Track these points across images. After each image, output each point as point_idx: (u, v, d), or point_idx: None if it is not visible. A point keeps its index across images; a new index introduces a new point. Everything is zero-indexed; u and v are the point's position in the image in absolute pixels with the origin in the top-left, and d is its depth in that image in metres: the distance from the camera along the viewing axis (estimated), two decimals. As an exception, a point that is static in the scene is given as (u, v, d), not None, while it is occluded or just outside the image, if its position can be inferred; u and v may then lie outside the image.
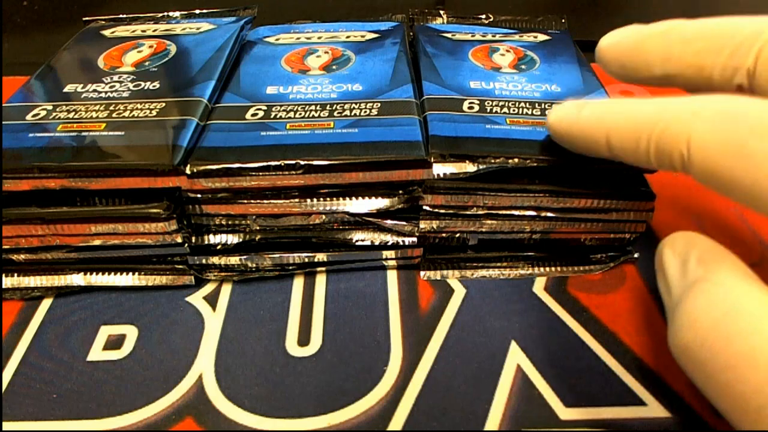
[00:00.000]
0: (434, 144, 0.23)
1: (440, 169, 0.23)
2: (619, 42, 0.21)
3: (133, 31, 0.33)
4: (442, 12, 0.36)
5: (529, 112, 0.25)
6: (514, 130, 0.24)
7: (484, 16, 0.36)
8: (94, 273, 0.25)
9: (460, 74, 0.29)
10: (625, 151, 0.18)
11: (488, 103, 0.26)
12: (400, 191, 0.24)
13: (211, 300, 0.25)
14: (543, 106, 0.26)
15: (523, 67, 0.30)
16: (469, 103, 0.26)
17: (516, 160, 0.23)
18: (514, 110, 0.25)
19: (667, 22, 0.19)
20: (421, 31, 0.34)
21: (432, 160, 0.23)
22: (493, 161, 0.23)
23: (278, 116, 0.25)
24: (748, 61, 0.17)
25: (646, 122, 0.17)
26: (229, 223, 0.24)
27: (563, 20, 0.35)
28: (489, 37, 0.33)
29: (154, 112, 0.25)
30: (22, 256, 0.25)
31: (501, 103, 0.26)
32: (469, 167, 0.23)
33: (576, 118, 0.20)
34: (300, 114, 0.25)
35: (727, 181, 0.15)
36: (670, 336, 0.16)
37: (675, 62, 0.19)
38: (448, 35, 0.33)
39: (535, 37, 0.33)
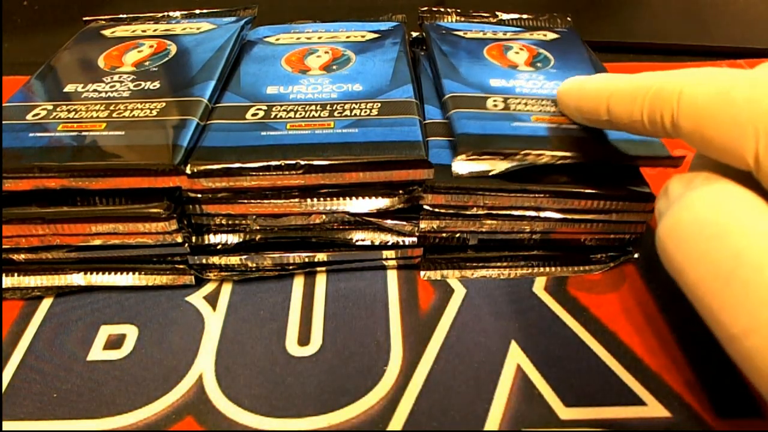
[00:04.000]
0: (463, 142, 0.23)
1: (466, 167, 0.23)
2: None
3: (134, 31, 0.33)
4: (450, 10, 0.36)
5: (552, 110, 0.26)
6: (540, 128, 0.24)
7: (489, 15, 0.36)
8: (95, 273, 0.25)
9: (479, 72, 0.29)
10: (622, 112, 0.20)
11: (511, 101, 0.26)
12: (400, 191, 0.24)
13: (211, 300, 0.25)
14: None
15: (538, 64, 0.30)
16: (493, 100, 0.26)
17: (546, 157, 0.23)
18: (537, 108, 0.26)
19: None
20: (432, 29, 0.34)
21: (466, 158, 0.23)
22: (524, 158, 0.23)
23: (278, 116, 0.25)
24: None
25: (643, 85, 0.19)
26: (229, 222, 0.24)
27: (568, 18, 0.36)
28: (500, 35, 0.33)
29: (154, 112, 0.25)
30: (23, 256, 0.25)
31: (524, 101, 0.26)
32: (501, 165, 0.23)
33: (582, 85, 0.23)
34: (300, 114, 0.25)
35: (712, 129, 0.17)
36: (666, 219, 0.17)
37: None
38: (460, 33, 0.33)
39: (545, 35, 0.33)
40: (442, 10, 0.36)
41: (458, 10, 0.36)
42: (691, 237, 0.16)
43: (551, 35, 0.33)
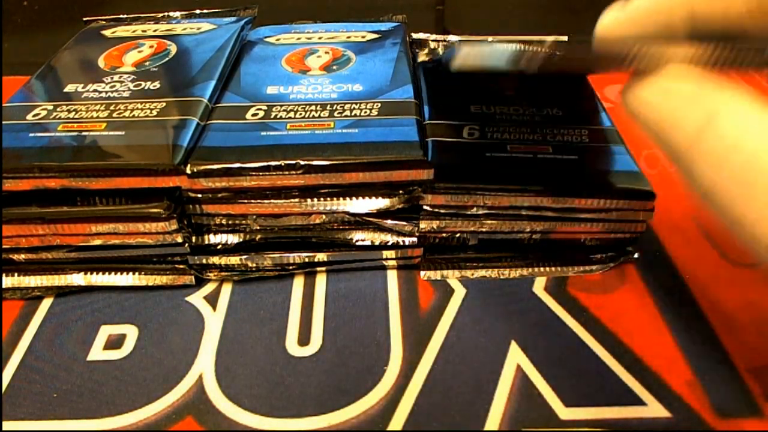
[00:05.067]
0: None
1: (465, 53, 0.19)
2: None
3: (134, 31, 0.33)
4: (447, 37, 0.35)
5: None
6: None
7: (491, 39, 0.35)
8: (95, 273, 0.25)
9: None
10: (714, 8, 0.16)
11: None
12: (400, 191, 0.24)
13: (212, 300, 0.25)
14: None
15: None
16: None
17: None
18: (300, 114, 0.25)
19: None
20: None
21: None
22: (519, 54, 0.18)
23: (278, 116, 0.25)
24: None
25: None
26: (230, 222, 0.24)
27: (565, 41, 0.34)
28: None
29: (154, 112, 0.25)
30: (23, 256, 0.25)
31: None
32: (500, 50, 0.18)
33: (633, 8, 0.17)
34: (300, 114, 0.25)
35: None
36: (699, 176, 0.15)
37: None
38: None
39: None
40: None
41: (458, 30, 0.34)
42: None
43: None
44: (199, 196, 0.23)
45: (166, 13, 0.36)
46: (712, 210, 0.15)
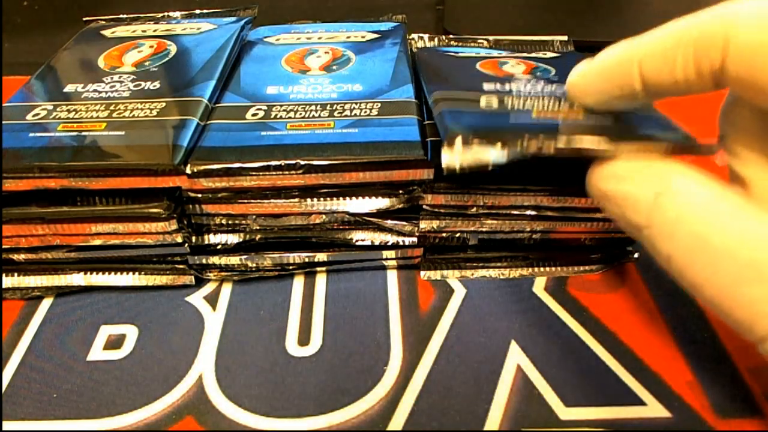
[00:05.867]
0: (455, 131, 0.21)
1: (458, 157, 0.19)
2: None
3: (134, 31, 0.33)
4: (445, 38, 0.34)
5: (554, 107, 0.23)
6: (545, 121, 0.22)
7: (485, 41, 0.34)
8: (94, 273, 0.25)
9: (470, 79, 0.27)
10: (661, 74, 0.17)
11: (507, 100, 0.23)
12: (400, 191, 0.24)
13: (211, 300, 0.25)
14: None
15: (538, 74, 0.28)
16: (487, 99, 0.24)
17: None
18: (539, 105, 0.23)
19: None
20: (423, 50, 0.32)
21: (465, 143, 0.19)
22: (527, 145, 0.19)
23: (278, 116, 0.25)
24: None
25: (680, 33, 0.16)
26: (229, 222, 0.24)
27: (566, 39, 0.34)
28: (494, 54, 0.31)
29: (154, 112, 0.25)
30: (23, 256, 0.25)
31: (521, 100, 0.23)
32: (499, 154, 0.19)
33: (600, 63, 0.19)
34: (300, 114, 0.25)
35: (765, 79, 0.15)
36: (657, 248, 0.17)
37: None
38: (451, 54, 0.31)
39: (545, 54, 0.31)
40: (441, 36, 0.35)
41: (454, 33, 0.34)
42: (686, 269, 0.17)
43: (551, 54, 0.31)
44: (199, 196, 0.23)
45: (166, 13, 0.36)
46: (673, 278, 0.17)
